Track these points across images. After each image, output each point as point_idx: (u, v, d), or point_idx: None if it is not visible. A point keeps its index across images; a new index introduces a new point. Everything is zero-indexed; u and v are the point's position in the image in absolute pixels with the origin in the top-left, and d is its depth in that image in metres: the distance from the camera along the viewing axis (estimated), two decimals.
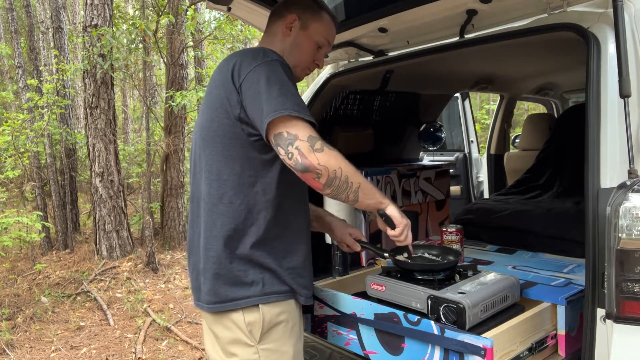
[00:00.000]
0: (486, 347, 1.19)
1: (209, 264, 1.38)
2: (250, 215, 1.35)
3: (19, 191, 7.51)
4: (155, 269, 5.71)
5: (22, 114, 6.75)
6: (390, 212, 1.39)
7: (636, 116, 1.34)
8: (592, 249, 1.28)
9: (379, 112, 2.72)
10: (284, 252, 1.39)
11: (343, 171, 1.26)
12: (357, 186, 1.30)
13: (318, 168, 1.23)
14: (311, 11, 1.53)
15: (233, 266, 1.35)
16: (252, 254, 1.35)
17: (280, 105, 1.25)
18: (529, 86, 3.74)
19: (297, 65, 1.53)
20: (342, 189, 1.28)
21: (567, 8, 1.55)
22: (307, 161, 1.22)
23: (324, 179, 1.25)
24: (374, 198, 1.37)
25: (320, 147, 1.24)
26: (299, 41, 1.52)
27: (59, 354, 3.82)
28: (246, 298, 1.35)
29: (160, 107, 8.53)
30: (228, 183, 1.36)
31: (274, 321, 1.37)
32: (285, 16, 1.53)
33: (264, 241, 1.36)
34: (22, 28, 9.87)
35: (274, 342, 1.37)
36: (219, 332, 1.40)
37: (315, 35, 1.53)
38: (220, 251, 1.36)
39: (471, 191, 4.53)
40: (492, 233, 2.39)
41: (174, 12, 6.32)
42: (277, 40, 1.53)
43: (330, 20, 1.57)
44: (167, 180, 6.77)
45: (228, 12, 2.04)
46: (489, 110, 12.34)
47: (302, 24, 1.52)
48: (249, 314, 1.35)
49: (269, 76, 1.30)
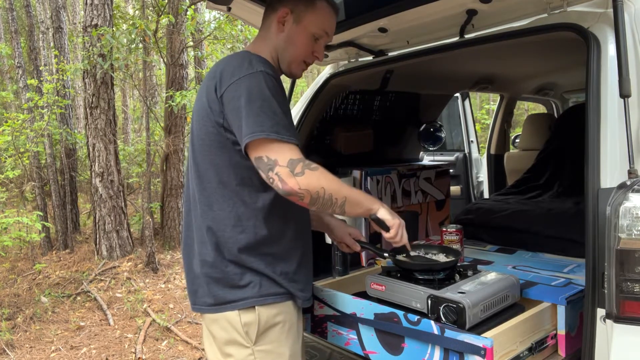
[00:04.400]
0: (486, 347, 1.19)
1: (205, 268, 1.38)
2: (239, 223, 1.35)
3: (19, 191, 7.51)
4: (155, 269, 5.70)
5: (22, 114, 6.74)
6: (381, 215, 1.39)
7: (636, 116, 1.34)
8: (592, 249, 1.28)
9: (379, 112, 2.72)
10: (276, 259, 1.38)
11: (326, 190, 1.26)
12: (343, 201, 1.30)
13: (299, 192, 1.23)
14: (304, 2, 1.44)
15: (229, 270, 1.36)
16: (245, 260, 1.35)
17: (258, 126, 1.23)
18: (529, 86, 3.74)
19: (292, 61, 1.48)
20: (326, 205, 1.28)
21: (567, 8, 1.55)
22: (288, 187, 1.22)
23: (307, 200, 1.25)
24: (361, 207, 1.37)
25: (300, 171, 1.23)
26: (293, 36, 1.45)
27: (59, 354, 3.82)
28: (242, 300, 1.35)
29: (160, 107, 8.53)
30: (218, 190, 1.36)
31: (271, 322, 1.36)
32: (278, 10, 1.45)
33: (254, 248, 1.36)
34: (22, 28, 9.88)
35: (270, 344, 1.37)
36: (215, 333, 1.40)
37: (310, 27, 1.45)
38: (214, 256, 1.36)
39: (471, 191, 4.53)
40: (492, 233, 2.39)
41: (174, 12, 6.32)
42: (270, 36, 1.47)
43: (328, 8, 1.47)
44: (167, 180, 6.76)
45: (228, 12, 2.03)
46: (489, 110, 12.34)
47: (295, 17, 1.44)
48: (245, 314, 1.35)
49: (250, 91, 1.26)
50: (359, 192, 1.41)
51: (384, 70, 2.40)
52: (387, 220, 1.40)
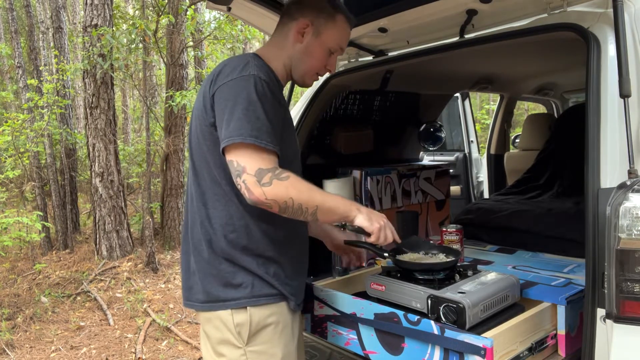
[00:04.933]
0: (486, 347, 1.19)
1: (200, 264, 1.39)
2: (231, 221, 1.36)
3: (19, 191, 7.51)
4: (155, 269, 5.70)
5: (22, 114, 6.74)
6: (359, 223, 1.37)
7: (636, 116, 1.34)
8: (592, 249, 1.28)
9: (379, 112, 2.72)
10: (268, 261, 1.38)
11: (295, 200, 1.24)
12: (314, 209, 1.28)
13: (266, 202, 1.22)
14: (325, 15, 1.45)
15: (222, 267, 1.36)
16: (237, 259, 1.36)
17: (237, 130, 1.23)
18: (529, 86, 3.74)
19: (306, 73, 1.50)
20: (297, 214, 1.27)
21: (567, 8, 1.55)
22: (254, 196, 1.22)
23: (276, 209, 1.25)
24: (335, 215, 1.35)
25: (268, 181, 1.21)
26: (310, 49, 1.46)
27: (59, 354, 3.82)
28: (234, 300, 1.35)
29: (160, 107, 8.53)
30: (211, 188, 1.38)
31: (263, 323, 1.37)
32: (298, 19, 1.45)
33: (246, 248, 1.36)
34: (22, 28, 9.88)
35: (262, 344, 1.37)
36: (209, 332, 1.41)
37: (328, 41, 1.46)
38: (209, 253, 1.37)
39: (471, 191, 4.53)
40: (492, 233, 2.38)
41: (174, 12, 6.32)
42: (287, 45, 1.47)
43: (345, 23, 1.49)
44: (167, 180, 6.76)
45: (228, 12, 2.03)
46: (489, 110, 12.34)
47: (315, 30, 1.45)
48: (238, 314, 1.35)
49: (237, 94, 1.27)
50: (335, 199, 1.36)
51: (384, 70, 2.40)
52: (366, 228, 1.37)
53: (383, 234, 1.39)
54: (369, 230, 1.38)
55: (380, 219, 1.40)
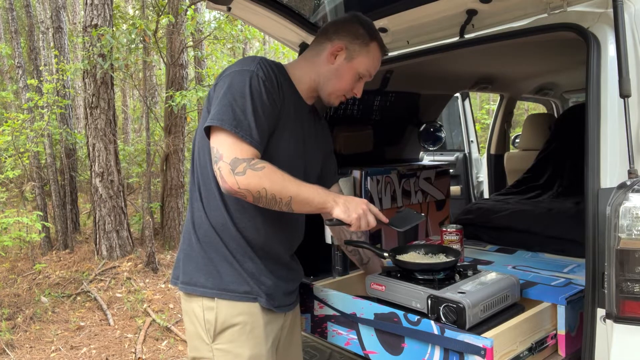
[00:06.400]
0: (486, 347, 1.19)
1: (184, 244, 1.47)
2: (209, 207, 1.41)
3: (19, 191, 7.50)
4: (155, 269, 5.71)
5: (22, 114, 6.74)
6: (336, 215, 1.36)
7: (636, 116, 1.34)
8: (592, 249, 1.28)
9: (379, 112, 2.72)
10: (245, 257, 1.41)
11: (268, 191, 1.25)
12: (288, 200, 1.29)
13: (239, 192, 1.25)
14: (360, 42, 1.47)
15: (201, 254, 1.41)
16: (217, 250, 1.40)
17: (219, 115, 1.27)
18: (529, 86, 3.74)
19: (333, 93, 1.52)
20: (271, 204, 1.29)
21: (567, 8, 1.55)
22: (227, 185, 1.25)
23: (250, 198, 1.27)
24: (310, 206, 1.34)
25: (242, 171, 1.23)
26: (341, 71, 1.48)
27: (59, 354, 3.82)
28: (204, 287, 1.39)
29: (160, 107, 8.53)
30: (200, 176, 1.43)
31: (229, 322, 1.38)
32: (333, 41, 1.48)
33: (225, 239, 1.40)
34: (22, 28, 9.88)
35: (227, 343, 1.39)
36: (186, 326, 1.46)
37: (359, 67, 1.49)
38: (195, 240, 1.43)
39: (471, 191, 4.53)
40: (492, 233, 2.38)
41: (174, 12, 6.32)
42: (319, 63, 1.50)
43: (378, 51, 1.52)
44: (167, 180, 6.77)
45: (228, 12, 2.03)
46: (489, 110, 12.35)
47: (348, 54, 1.47)
48: (208, 311, 1.39)
49: (231, 84, 1.31)
50: (311, 190, 1.34)
51: (384, 70, 2.40)
52: (344, 219, 1.36)
53: (364, 222, 1.37)
54: (347, 221, 1.36)
55: (359, 207, 1.37)
